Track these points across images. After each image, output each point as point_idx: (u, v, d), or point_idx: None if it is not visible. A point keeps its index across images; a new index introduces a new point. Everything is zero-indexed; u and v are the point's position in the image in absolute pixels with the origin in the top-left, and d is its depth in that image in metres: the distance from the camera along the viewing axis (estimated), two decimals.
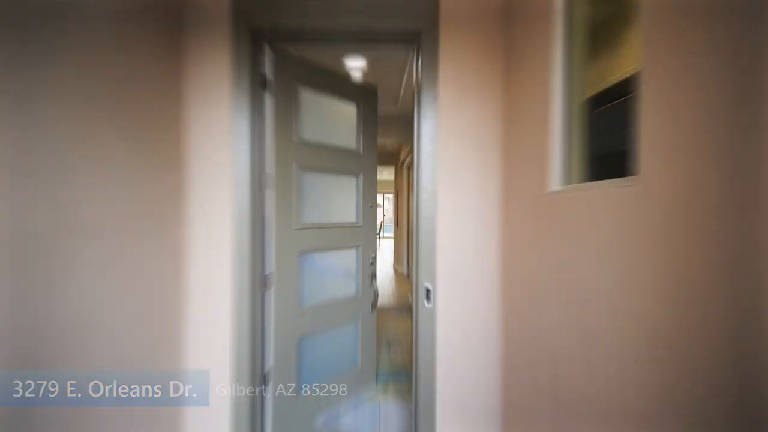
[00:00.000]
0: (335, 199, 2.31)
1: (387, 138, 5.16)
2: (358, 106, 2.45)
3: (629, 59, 1.22)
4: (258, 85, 1.85)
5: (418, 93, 1.80)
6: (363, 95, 2.47)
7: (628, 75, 1.12)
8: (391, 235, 18.65)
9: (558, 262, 1.22)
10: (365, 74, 3.79)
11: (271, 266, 1.92)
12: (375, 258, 2.53)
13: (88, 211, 1.17)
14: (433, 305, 1.76)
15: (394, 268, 8.44)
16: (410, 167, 6.32)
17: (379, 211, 20.22)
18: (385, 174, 14.27)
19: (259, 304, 1.86)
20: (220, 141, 1.75)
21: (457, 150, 1.78)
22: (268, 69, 1.91)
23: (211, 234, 1.75)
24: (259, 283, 1.86)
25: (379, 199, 20.08)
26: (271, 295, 1.92)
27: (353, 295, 2.44)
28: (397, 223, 8.41)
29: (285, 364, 1.99)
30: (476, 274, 1.78)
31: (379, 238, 15.40)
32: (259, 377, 1.84)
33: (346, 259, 2.39)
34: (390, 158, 8.27)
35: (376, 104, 2.57)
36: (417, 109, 1.82)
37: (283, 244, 1.97)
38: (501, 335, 1.78)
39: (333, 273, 2.31)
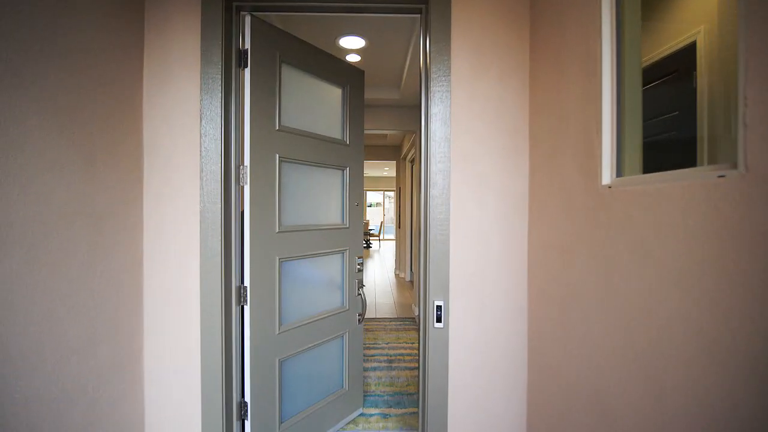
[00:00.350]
0: (320, 196, 2.11)
1: (388, 129, 4.95)
2: (344, 91, 2.24)
3: (684, 23, 1.00)
4: (234, 60, 1.63)
5: (426, 67, 1.59)
6: (349, 78, 2.26)
7: (680, 45, 0.92)
8: (392, 236, 18.48)
9: (609, 275, 1.00)
10: (364, 56, 3.58)
11: (248, 276, 1.71)
12: (362, 263, 2.33)
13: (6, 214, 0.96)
14: (445, 326, 1.55)
15: (395, 273, 8.22)
16: (414, 162, 6.11)
17: (379, 210, 20.01)
18: (386, 170, 14.08)
19: (235, 322, 1.64)
20: (185, 126, 1.54)
21: (474, 135, 1.57)
22: (247, 42, 1.70)
23: (174, 240, 1.53)
24: (235, 297, 1.64)
25: (379, 197, 19.89)
26: (248, 312, 1.71)
27: (339, 306, 2.24)
28: (399, 224, 8.20)
29: (264, 394, 1.78)
30: (498, 288, 1.57)
31: (379, 239, 15.20)
32: (236, 411, 1.62)
33: (332, 266, 2.18)
34: (391, 152, 8.05)
35: (362, 90, 2.37)
36: (425, 87, 1.60)
37: (262, 250, 1.76)
38: (527, 361, 1.56)
39: (317, 282, 2.10)
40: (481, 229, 1.57)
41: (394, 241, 16.49)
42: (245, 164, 1.71)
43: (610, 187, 1.03)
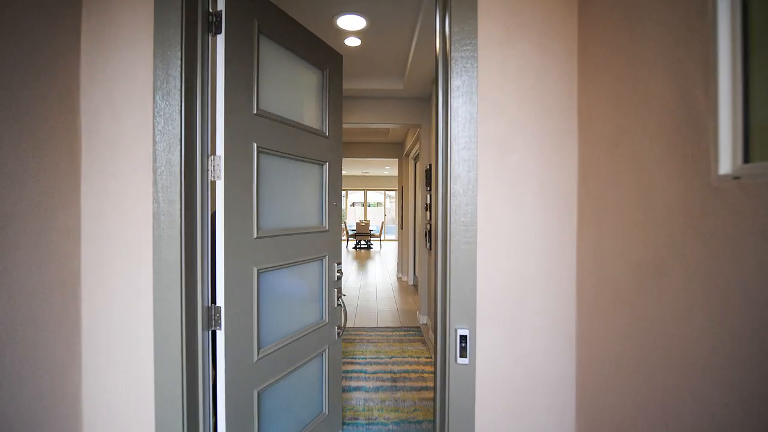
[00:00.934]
0: (299, 195, 1.78)
1: (391, 123, 4.61)
2: (323, 75, 1.93)
3: None
4: (201, 23, 1.30)
5: (445, 29, 1.24)
6: (329, 62, 1.95)
7: None
8: (393, 237, 18.14)
9: (736, 313, 0.66)
10: (364, 39, 3.24)
11: (221, 294, 1.37)
12: (341, 270, 2.04)
13: None
14: (471, 362, 1.21)
15: (398, 276, 7.89)
16: (419, 158, 5.76)
17: (380, 210, 19.69)
18: (387, 169, 13.75)
19: (203, 353, 1.30)
20: (134, 102, 1.20)
21: (508, 115, 1.23)
22: (220, 3, 1.36)
23: (121, 251, 1.19)
24: (202, 321, 1.31)
25: (380, 196, 19.57)
26: (221, 338, 1.37)
27: (318, 320, 1.92)
28: (401, 225, 7.86)
29: None
30: (539, 314, 1.23)
31: (380, 240, 14.88)
32: None
33: (311, 275, 1.87)
34: (393, 149, 7.71)
35: (341, 76, 2.07)
36: (442, 55, 1.26)
37: (238, 260, 1.42)
38: (577, 413, 1.22)
39: (297, 294, 1.78)
40: (516, 237, 1.22)
41: (395, 242, 16.17)
42: (217, 154, 1.37)
43: (736, 179, 0.69)
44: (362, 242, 13.92)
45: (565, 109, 1.23)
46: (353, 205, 19.82)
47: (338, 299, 2.02)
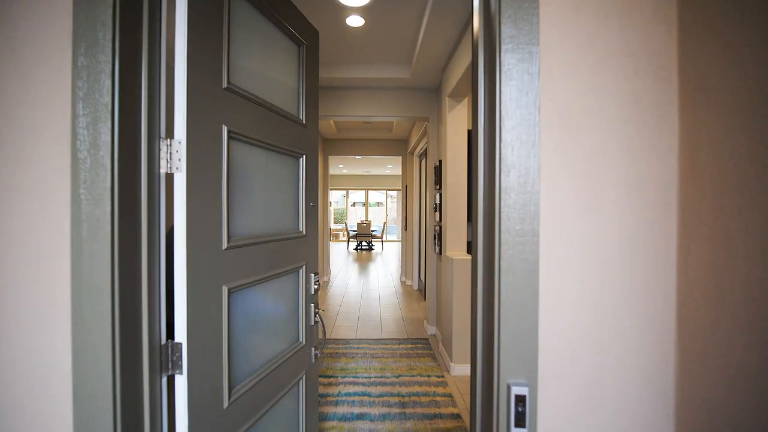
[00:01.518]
0: (275, 193, 1.43)
1: (395, 116, 4.25)
2: (300, 52, 1.60)
3: None
4: None
5: None
6: (306, 37, 1.62)
7: None
8: (395, 237, 17.76)
9: None
10: (368, 17, 2.88)
11: (182, 326, 1.01)
12: (318, 282, 1.72)
13: None
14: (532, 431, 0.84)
15: (401, 280, 7.53)
16: (427, 154, 5.41)
17: (381, 210, 19.33)
18: (389, 168, 13.37)
19: (152, 408, 0.94)
20: (46, 58, 0.84)
21: (580, 78, 0.87)
22: None
23: (18, 268, 0.84)
24: (151, 365, 0.95)
25: (381, 196, 19.22)
26: (182, 385, 1.01)
27: (294, 342, 1.58)
28: (405, 226, 7.50)
29: None
30: (628, 366, 0.86)
31: (382, 241, 14.53)
32: None
33: (287, 289, 1.53)
34: (397, 147, 7.35)
35: (317, 56, 1.75)
36: None
37: (203, 279, 1.06)
38: None
39: (271, 314, 1.44)
40: (594, 252, 0.86)
41: (397, 243, 15.80)
42: (176, 138, 1.01)
43: None
44: (363, 243, 13.57)
45: (661, 68, 0.87)
46: (354, 204, 19.47)
47: (315, 315, 1.69)
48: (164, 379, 1.01)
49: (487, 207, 0.91)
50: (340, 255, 11.91)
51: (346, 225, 15.42)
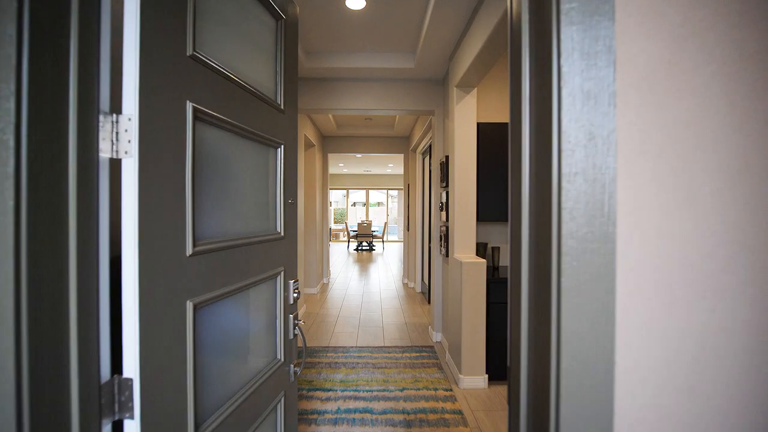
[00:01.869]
0: (249, 188, 1.20)
1: (398, 109, 4.01)
2: (277, 27, 1.37)
3: None
4: None
5: None
6: (284, 10, 1.39)
7: None
8: (396, 237, 17.47)
9: None
10: (369, 1, 2.64)
11: (133, 356, 0.78)
12: (299, 289, 1.49)
13: None
14: None
15: (403, 282, 7.30)
16: (432, 151, 5.18)
17: (381, 209, 19.10)
18: (390, 166, 13.11)
19: None
20: None
21: (677, 25, 0.63)
22: None
23: None
24: (83, 409, 0.71)
25: (382, 196, 18.99)
26: (133, 431, 0.78)
27: (271, 360, 1.35)
28: (407, 226, 7.27)
29: None
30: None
31: (383, 241, 14.30)
32: None
33: (263, 300, 1.30)
34: (399, 143, 7.11)
35: (297, 34, 1.53)
36: None
37: (161, 294, 0.82)
38: None
39: (244, 332, 1.22)
40: (687, 259, 0.63)
41: (397, 243, 15.56)
42: (125, 114, 0.78)
43: None
44: (364, 243, 13.35)
45: None
46: (354, 204, 19.24)
47: (295, 327, 1.46)
48: (107, 428, 0.78)
49: (536, 203, 0.67)
50: (340, 256, 11.69)
51: (346, 225, 15.19)
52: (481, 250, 3.44)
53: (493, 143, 3.25)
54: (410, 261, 6.88)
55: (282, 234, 1.36)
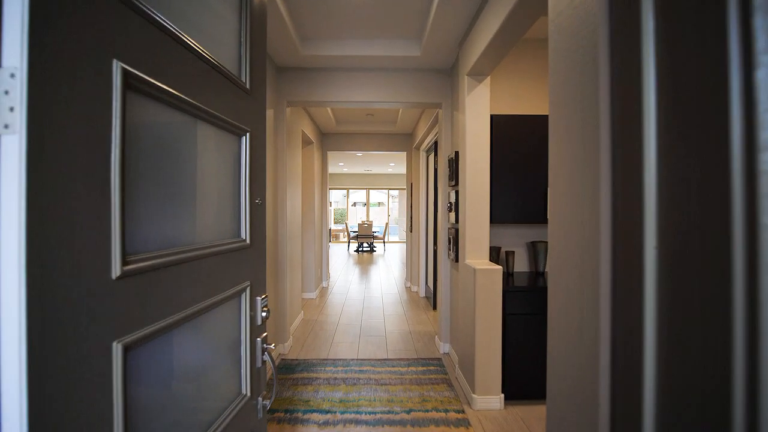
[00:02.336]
0: (206, 183, 0.91)
1: (402, 101, 3.73)
2: None
3: None
4: None
5: None
6: None
7: None
8: (397, 238, 17.14)
9: None
10: None
11: None
12: (267, 306, 1.20)
13: None
14: None
15: (406, 286, 7.02)
16: (433, 151, 4.90)
17: (382, 209, 18.81)
18: (392, 166, 12.81)
19: None
20: None
21: None
22: None
23: None
24: None
25: (382, 196, 18.71)
26: None
27: (234, 396, 1.06)
28: (411, 227, 7.00)
29: None
30: None
31: (383, 242, 14.02)
32: None
33: (222, 325, 1.00)
34: (401, 141, 6.84)
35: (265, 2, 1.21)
36: None
37: (68, 334, 0.53)
38: None
39: (199, 369, 0.93)
40: None
41: (399, 244, 15.27)
42: (5, 66, 0.50)
43: None
44: (365, 245, 13.07)
45: None
46: (354, 204, 18.97)
47: (263, 354, 1.17)
48: None
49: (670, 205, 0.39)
50: (340, 257, 11.42)
51: (346, 225, 14.93)
52: (493, 254, 3.16)
53: (509, 137, 2.97)
54: (413, 264, 6.60)
55: (248, 241, 1.07)
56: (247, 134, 1.06)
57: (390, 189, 16.76)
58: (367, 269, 9.17)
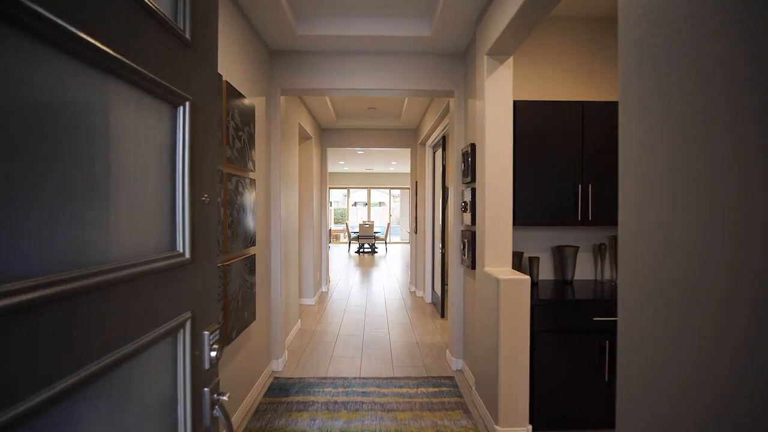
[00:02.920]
0: (122, 173, 0.54)
1: (408, 90, 3.37)
2: None
3: None
4: None
5: None
6: None
7: None
8: (399, 239, 16.69)
9: None
10: None
11: None
12: (220, 342, 0.80)
13: None
14: None
15: (410, 290, 6.65)
16: (440, 147, 4.52)
17: (383, 209, 18.42)
18: (394, 164, 12.41)
19: None
20: None
21: None
22: None
23: None
24: None
25: (384, 196, 18.32)
26: None
27: None
28: (415, 228, 6.63)
29: None
30: None
31: (385, 243, 13.65)
32: None
33: (153, 373, 0.61)
34: (405, 137, 6.46)
35: None
36: None
37: None
38: None
39: None
40: None
41: (401, 245, 14.88)
42: None
43: None
44: (366, 246, 12.70)
45: None
46: (355, 204, 18.59)
47: (214, 408, 0.79)
48: None
49: None
50: (340, 259, 11.04)
51: (347, 226, 14.56)
52: (515, 260, 2.79)
53: (533, 127, 2.60)
54: (418, 267, 6.23)
55: (187, 255, 0.69)
56: (187, 103, 0.68)
57: (391, 188, 16.38)
58: (368, 272, 8.80)
